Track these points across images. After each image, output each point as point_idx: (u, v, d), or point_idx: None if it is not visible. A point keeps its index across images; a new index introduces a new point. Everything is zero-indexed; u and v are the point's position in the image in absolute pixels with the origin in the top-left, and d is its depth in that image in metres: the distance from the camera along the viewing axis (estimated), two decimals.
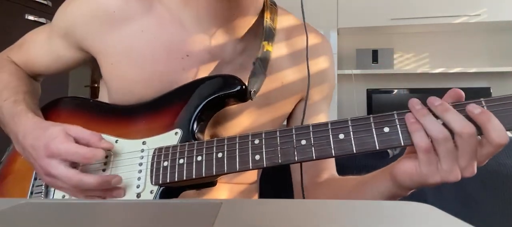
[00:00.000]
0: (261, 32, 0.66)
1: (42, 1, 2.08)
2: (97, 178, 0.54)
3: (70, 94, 2.24)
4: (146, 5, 0.63)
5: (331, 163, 0.73)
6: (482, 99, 0.45)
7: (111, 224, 0.31)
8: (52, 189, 0.61)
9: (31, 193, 0.62)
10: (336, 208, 0.33)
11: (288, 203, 0.38)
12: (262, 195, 0.81)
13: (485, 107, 0.44)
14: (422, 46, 2.95)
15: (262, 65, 0.63)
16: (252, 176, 0.75)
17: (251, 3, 0.62)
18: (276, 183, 0.85)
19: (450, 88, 0.50)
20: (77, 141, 0.56)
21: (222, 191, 0.68)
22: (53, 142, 0.54)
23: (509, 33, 2.75)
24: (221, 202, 0.33)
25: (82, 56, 0.70)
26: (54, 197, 0.60)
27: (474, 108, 0.44)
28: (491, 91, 2.59)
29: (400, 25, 2.75)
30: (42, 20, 2.04)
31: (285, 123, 0.75)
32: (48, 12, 2.07)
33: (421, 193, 1.01)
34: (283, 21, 0.71)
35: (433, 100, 0.46)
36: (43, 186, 0.61)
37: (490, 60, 2.79)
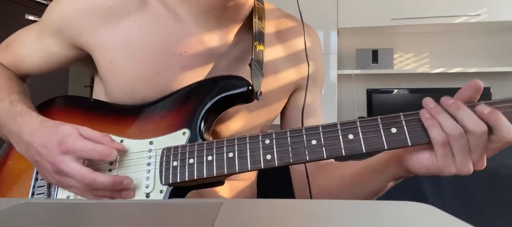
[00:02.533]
0: (252, 28, 0.67)
1: (42, 1, 2.08)
2: (111, 177, 0.54)
3: (70, 94, 2.24)
4: (142, 0, 0.63)
5: None
6: (483, 102, 0.48)
7: (111, 224, 0.31)
8: (54, 190, 0.60)
9: (33, 194, 0.62)
10: (336, 208, 0.33)
11: (288, 203, 0.38)
12: (260, 192, 0.81)
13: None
14: (422, 46, 2.95)
15: (258, 65, 0.63)
16: (251, 173, 0.75)
17: None
18: (273, 180, 0.85)
19: (450, 89, 0.51)
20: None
21: (221, 189, 0.68)
22: (68, 139, 0.54)
23: (509, 33, 2.75)
24: (221, 202, 0.33)
25: (76, 54, 0.68)
26: (58, 197, 0.60)
27: (483, 109, 0.46)
28: (491, 91, 2.59)
29: (400, 25, 2.75)
30: None
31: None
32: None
33: (421, 193, 1.01)
34: (270, 16, 0.71)
35: (446, 100, 0.48)
36: (45, 187, 0.61)
37: (490, 60, 2.79)
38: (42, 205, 0.38)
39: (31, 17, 2.00)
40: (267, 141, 0.52)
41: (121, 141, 0.59)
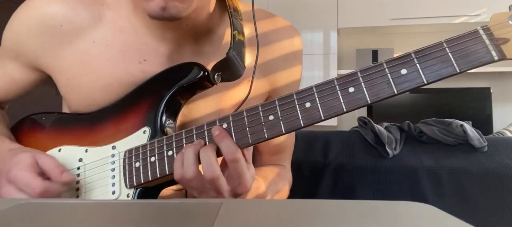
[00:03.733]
0: (221, 27, 0.64)
1: None
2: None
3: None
4: (95, 14, 0.60)
5: (287, 160, 0.77)
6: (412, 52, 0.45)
7: (111, 224, 0.31)
8: None
9: None
10: (336, 208, 0.33)
11: (288, 203, 0.38)
12: None
13: (415, 59, 0.44)
14: (422, 46, 2.94)
15: (238, 55, 0.60)
16: None
17: (203, 10, 0.58)
18: None
19: (450, 89, 0.50)
20: (43, 172, 0.53)
21: None
22: (14, 167, 0.52)
23: None
24: (221, 202, 0.33)
25: (38, 76, 0.66)
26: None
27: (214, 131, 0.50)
28: (491, 91, 2.59)
29: (400, 25, 2.75)
30: None
31: None
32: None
33: (421, 193, 1.01)
34: (245, 9, 0.67)
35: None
36: None
37: None
38: (42, 205, 0.38)
39: None
40: (225, 125, 0.50)
41: (86, 151, 0.58)
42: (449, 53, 0.43)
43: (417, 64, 0.44)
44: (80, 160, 0.58)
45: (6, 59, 0.65)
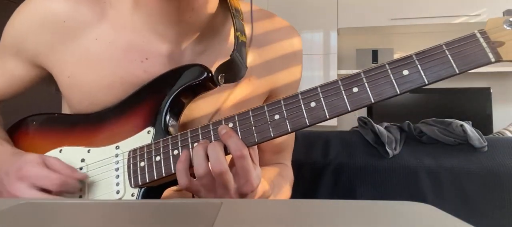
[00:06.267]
0: (222, 27, 0.64)
1: None
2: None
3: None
4: (97, 11, 0.60)
5: (288, 158, 0.77)
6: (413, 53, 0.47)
7: (111, 224, 0.31)
8: None
9: None
10: (336, 208, 0.33)
11: (288, 203, 0.38)
12: None
13: (416, 61, 0.46)
14: (422, 46, 2.90)
15: (241, 56, 0.60)
16: None
17: (206, 2, 0.59)
18: None
19: (450, 89, 0.51)
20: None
21: None
22: (26, 165, 0.53)
23: None
24: (221, 202, 0.33)
25: (38, 73, 0.66)
26: None
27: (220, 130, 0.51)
28: (491, 91, 2.59)
29: (400, 25, 2.75)
30: None
31: None
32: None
33: (421, 193, 1.01)
34: (245, 9, 0.67)
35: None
36: None
37: None
38: (42, 205, 0.38)
39: None
40: (231, 124, 0.51)
41: (88, 151, 0.58)
42: (449, 55, 0.45)
43: (418, 65, 0.45)
44: (82, 160, 0.58)
45: (7, 56, 0.65)
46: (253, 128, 0.50)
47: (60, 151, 0.60)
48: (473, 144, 1.01)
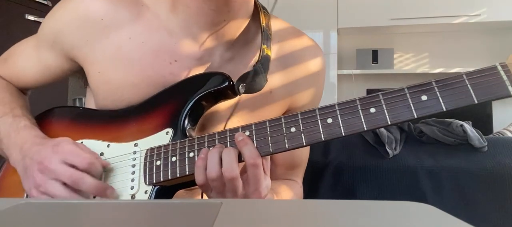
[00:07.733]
0: (252, 38, 0.66)
1: (42, 1, 2.08)
2: (96, 182, 0.55)
3: (69, 93, 2.24)
4: (134, 12, 0.62)
5: (300, 176, 0.78)
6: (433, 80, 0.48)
7: (111, 224, 0.31)
8: None
9: None
10: (336, 208, 0.33)
11: (288, 203, 0.38)
12: None
13: (436, 88, 0.47)
14: (422, 46, 2.95)
15: (263, 68, 0.63)
16: None
17: (241, 7, 0.61)
18: None
19: None
20: None
21: None
22: (62, 142, 0.57)
23: (509, 33, 2.75)
24: (221, 202, 0.33)
25: (70, 66, 0.69)
26: None
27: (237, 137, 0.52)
28: None
29: (400, 25, 2.75)
30: (42, 20, 2.04)
31: None
32: (48, 12, 2.06)
33: (421, 193, 1.01)
34: (276, 26, 0.70)
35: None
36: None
37: (490, 60, 2.79)
38: (42, 205, 0.38)
39: (31, 18, 2.00)
40: (247, 133, 0.52)
41: (108, 146, 0.61)
42: (468, 85, 0.46)
43: (438, 92, 0.46)
44: (102, 154, 0.61)
45: (43, 46, 0.68)
46: (269, 138, 0.51)
47: (81, 142, 0.62)
48: (473, 144, 1.01)
